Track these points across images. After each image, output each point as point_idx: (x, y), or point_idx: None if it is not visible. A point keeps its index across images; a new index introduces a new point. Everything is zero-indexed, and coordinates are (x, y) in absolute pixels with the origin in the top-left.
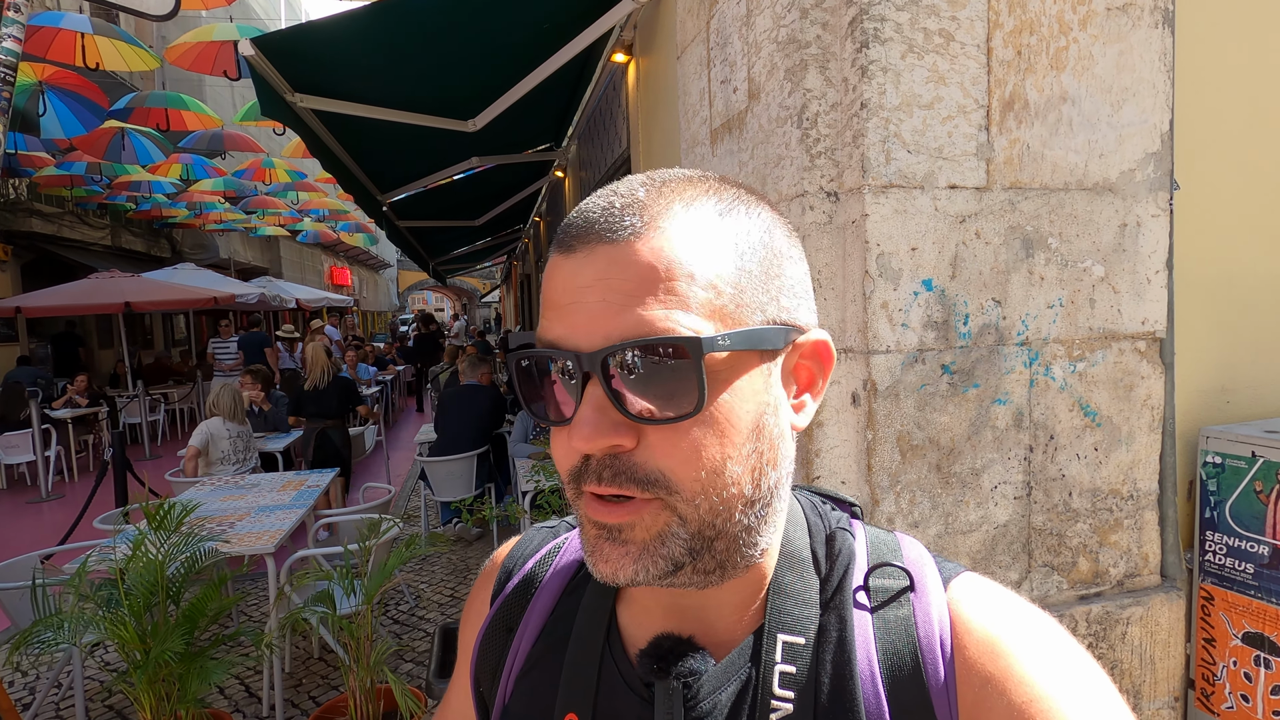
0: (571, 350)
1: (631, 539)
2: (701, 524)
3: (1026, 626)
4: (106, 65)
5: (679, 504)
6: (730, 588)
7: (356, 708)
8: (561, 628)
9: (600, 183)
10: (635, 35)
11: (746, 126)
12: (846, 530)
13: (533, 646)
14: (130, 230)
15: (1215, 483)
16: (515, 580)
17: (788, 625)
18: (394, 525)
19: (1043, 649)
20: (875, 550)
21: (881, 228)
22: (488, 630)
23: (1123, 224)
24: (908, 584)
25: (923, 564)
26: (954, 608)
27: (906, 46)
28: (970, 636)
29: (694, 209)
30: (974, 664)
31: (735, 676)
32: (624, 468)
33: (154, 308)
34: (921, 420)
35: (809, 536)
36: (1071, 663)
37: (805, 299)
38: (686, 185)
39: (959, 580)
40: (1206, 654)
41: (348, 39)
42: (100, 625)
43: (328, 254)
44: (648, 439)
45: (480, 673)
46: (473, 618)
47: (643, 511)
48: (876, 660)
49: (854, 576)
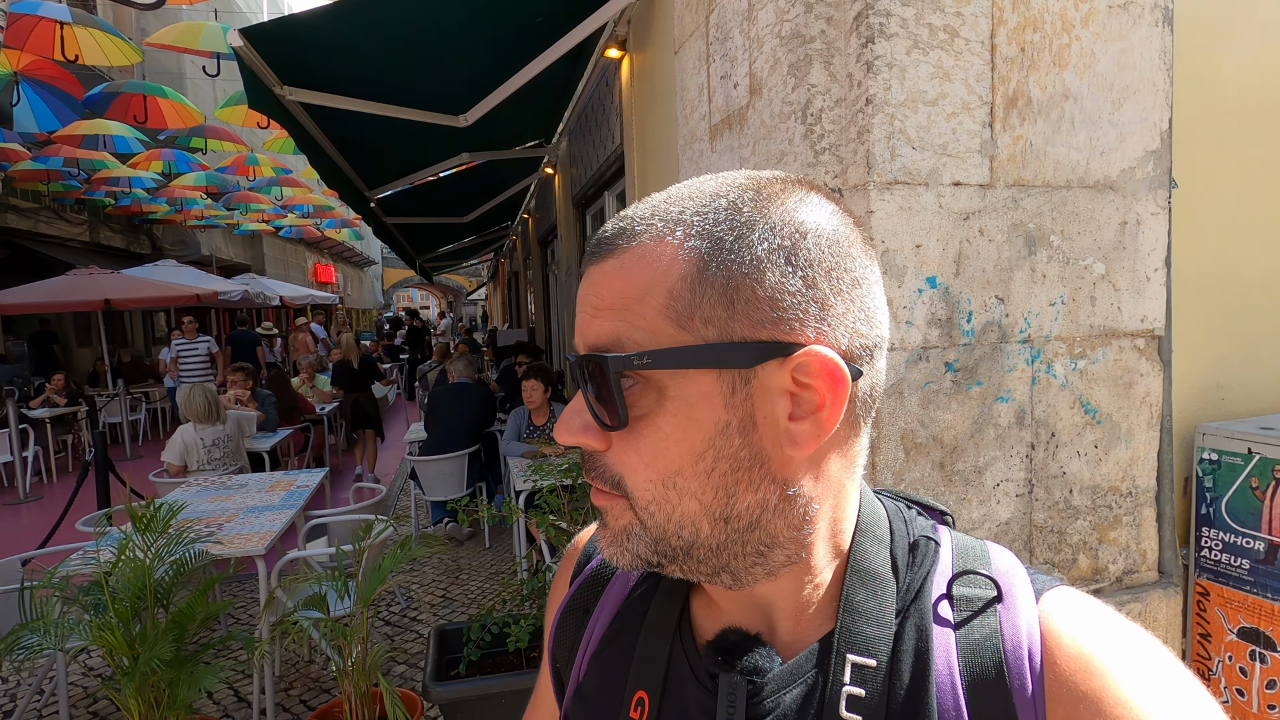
0: (571, 354)
1: (609, 524)
2: (661, 531)
3: (1125, 644)
4: (86, 59)
5: (637, 509)
6: (785, 591)
7: (351, 712)
8: (635, 612)
9: (593, 180)
10: (629, 30)
11: (748, 122)
12: (931, 538)
13: (608, 628)
14: (109, 226)
15: (1211, 479)
16: (594, 563)
17: (858, 646)
18: (388, 527)
19: (1143, 669)
20: (961, 558)
21: (886, 225)
22: (565, 610)
23: (1123, 222)
24: (995, 594)
25: (1013, 574)
26: (1046, 621)
27: (912, 42)
28: (1063, 652)
29: (680, 225)
30: (1066, 681)
31: (800, 681)
32: (594, 466)
33: (134, 305)
34: (925, 418)
35: (890, 543)
36: (1174, 685)
37: (810, 314)
38: (690, 198)
39: (1053, 593)
40: (1202, 649)
41: (338, 31)
42: (86, 630)
43: (312, 251)
44: (613, 444)
45: (558, 650)
46: (554, 598)
47: (615, 504)
48: (959, 677)
49: (935, 585)
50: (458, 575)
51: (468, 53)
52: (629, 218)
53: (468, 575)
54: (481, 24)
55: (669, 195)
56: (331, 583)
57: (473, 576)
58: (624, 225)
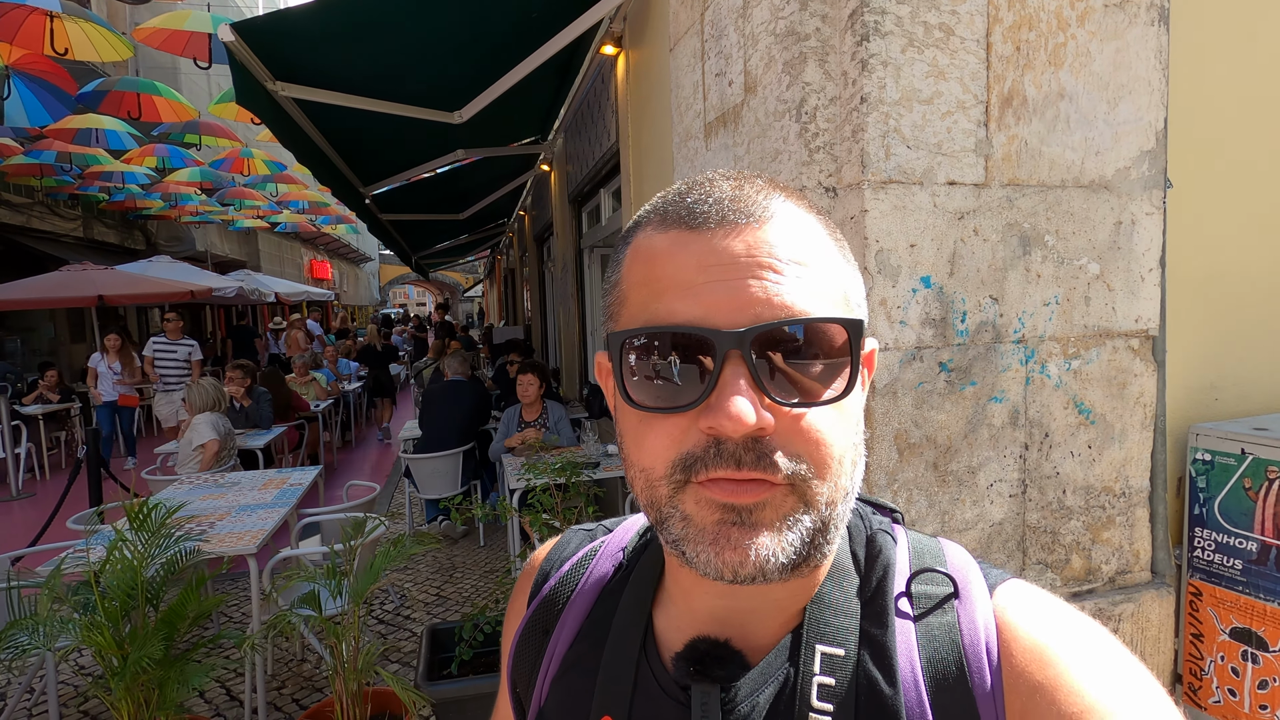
0: (712, 329)
1: (761, 520)
2: (821, 512)
3: (1077, 634)
4: (76, 54)
5: (808, 489)
6: (788, 589)
7: (343, 712)
8: (598, 630)
9: (588, 177)
10: (625, 27)
11: (742, 120)
12: (888, 534)
13: (569, 649)
14: (103, 221)
15: (1205, 480)
16: (552, 582)
17: (826, 635)
18: (380, 524)
19: (1094, 657)
20: (918, 556)
21: (881, 224)
22: (524, 632)
23: (1118, 222)
24: (952, 590)
25: (967, 570)
26: (1000, 614)
27: (907, 40)
28: (1018, 644)
29: (801, 208)
30: (1022, 672)
31: (773, 679)
32: (765, 450)
33: (128, 301)
34: (919, 418)
35: (849, 540)
36: (1123, 671)
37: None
38: (780, 186)
39: (1005, 586)
40: (1194, 649)
41: (331, 26)
42: (75, 629)
43: (308, 247)
44: (786, 422)
45: (517, 674)
46: (512, 619)
47: (774, 491)
48: (920, 668)
49: (895, 582)
50: (452, 573)
51: (462, 50)
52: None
53: (462, 573)
54: (476, 20)
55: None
56: (324, 581)
57: (467, 575)
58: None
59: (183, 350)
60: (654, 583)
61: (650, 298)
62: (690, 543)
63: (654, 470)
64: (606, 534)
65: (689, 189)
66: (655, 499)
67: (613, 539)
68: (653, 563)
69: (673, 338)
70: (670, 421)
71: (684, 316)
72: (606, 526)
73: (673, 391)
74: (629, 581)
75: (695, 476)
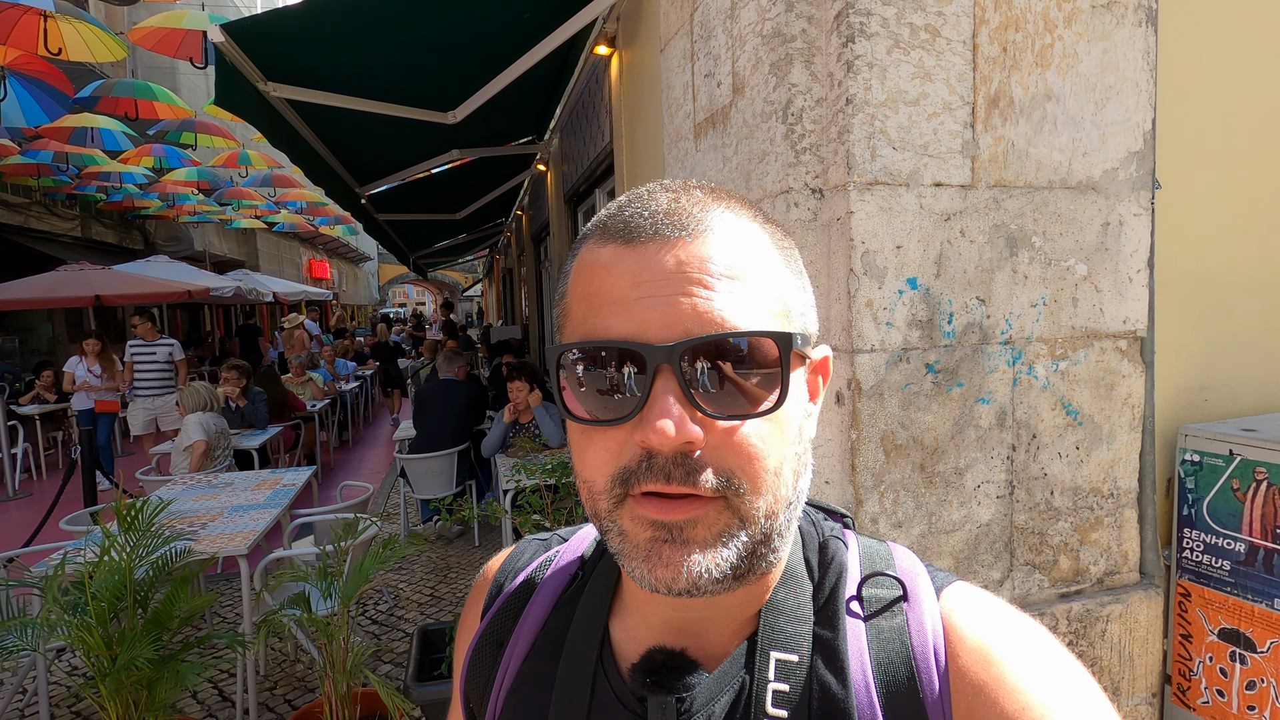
0: (643, 344)
1: (693, 538)
2: (758, 525)
3: (1017, 634)
4: (70, 55)
5: (741, 504)
6: (739, 597)
7: (332, 713)
8: (553, 642)
9: (584, 177)
10: (618, 27)
11: (731, 121)
12: (839, 539)
13: (524, 661)
14: (101, 221)
15: (1193, 480)
16: (506, 593)
17: (780, 642)
18: (371, 525)
19: (1032, 657)
20: (868, 560)
21: (866, 225)
22: (477, 645)
23: (1105, 223)
24: (901, 594)
25: (915, 573)
26: (947, 617)
27: (892, 42)
28: (963, 645)
29: (743, 218)
30: (967, 673)
31: (728, 687)
32: (695, 465)
33: (126, 301)
34: (905, 420)
35: (802, 546)
36: (1060, 670)
37: (810, 315)
38: (723, 196)
39: (951, 589)
40: (1183, 650)
41: (321, 27)
42: (65, 631)
43: (306, 247)
44: (718, 436)
45: (470, 688)
46: (465, 632)
47: (707, 508)
48: (871, 672)
49: (847, 587)
50: (446, 574)
51: (455, 50)
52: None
53: (456, 574)
54: (469, 21)
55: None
56: (315, 581)
57: (461, 575)
58: (692, 201)
59: (162, 351)
60: (610, 593)
61: (588, 312)
62: (626, 557)
63: (595, 483)
64: (562, 543)
65: (629, 202)
66: (597, 511)
67: (568, 548)
68: (608, 573)
69: (605, 353)
70: (609, 435)
71: (618, 332)
72: (562, 536)
73: (610, 405)
74: (585, 592)
75: (631, 489)
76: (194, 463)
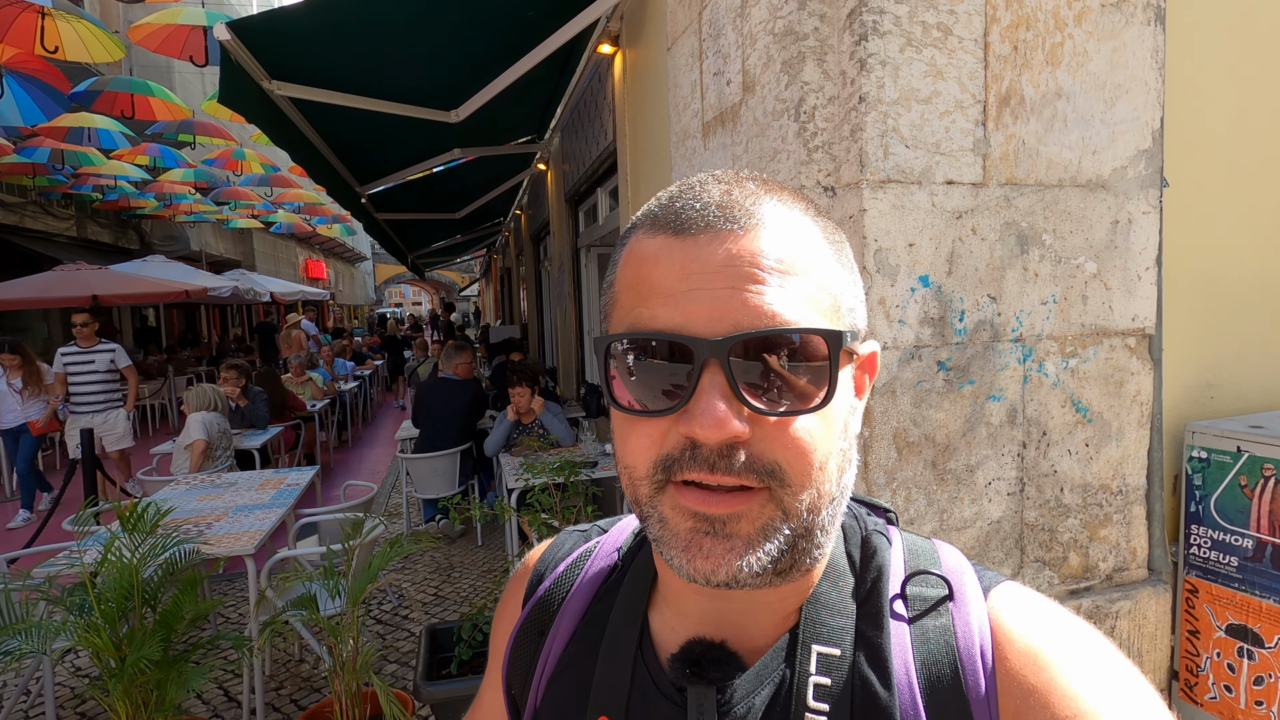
0: (691, 337)
1: (736, 531)
2: (801, 519)
3: (1070, 638)
4: (67, 54)
5: (785, 497)
6: (779, 592)
7: (343, 712)
8: (593, 632)
9: (585, 176)
10: (622, 26)
11: (741, 120)
12: (882, 534)
13: (564, 650)
14: (97, 221)
15: (1201, 477)
16: (547, 583)
17: (822, 635)
18: (378, 525)
19: (1087, 661)
20: (913, 557)
21: (879, 223)
22: (519, 633)
23: (1115, 221)
24: (946, 593)
25: (962, 572)
26: (995, 617)
27: (905, 40)
28: (1012, 647)
29: (795, 211)
30: (1016, 676)
31: (769, 680)
32: (739, 457)
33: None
34: (917, 417)
35: (845, 541)
36: (1116, 675)
37: (860, 312)
38: (776, 188)
39: (1000, 589)
40: (1190, 646)
41: (326, 25)
42: (71, 632)
43: (303, 246)
44: (764, 429)
45: (512, 675)
46: (504, 620)
47: (751, 502)
48: (915, 671)
49: (890, 584)
50: (450, 573)
51: (459, 49)
52: (740, 187)
53: (460, 573)
54: (473, 19)
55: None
56: (321, 581)
57: (465, 574)
58: (745, 193)
59: (101, 358)
60: (649, 583)
61: (636, 302)
62: (665, 545)
63: (636, 469)
64: (601, 534)
65: (680, 193)
66: (638, 497)
67: (608, 539)
68: (648, 563)
69: (654, 344)
70: (652, 424)
71: (665, 323)
72: (601, 527)
73: (654, 396)
74: (624, 582)
75: (674, 476)
76: (194, 462)
